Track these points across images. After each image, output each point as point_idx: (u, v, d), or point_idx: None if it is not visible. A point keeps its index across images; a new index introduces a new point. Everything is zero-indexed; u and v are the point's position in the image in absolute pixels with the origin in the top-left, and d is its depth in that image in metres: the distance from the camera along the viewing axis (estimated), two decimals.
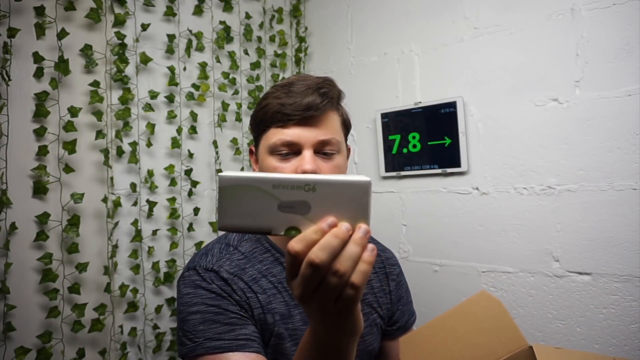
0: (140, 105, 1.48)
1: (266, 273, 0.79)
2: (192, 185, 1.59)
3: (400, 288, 0.96)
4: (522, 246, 1.38)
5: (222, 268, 0.76)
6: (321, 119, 0.74)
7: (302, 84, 0.74)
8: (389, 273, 0.94)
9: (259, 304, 0.75)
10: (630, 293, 1.20)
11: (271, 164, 0.74)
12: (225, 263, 0.77)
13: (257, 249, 0.81)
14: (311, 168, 0.71)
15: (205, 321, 0.70)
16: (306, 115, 0.72)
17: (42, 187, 1.26)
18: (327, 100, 0.74)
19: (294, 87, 0.74)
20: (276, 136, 0.73)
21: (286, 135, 0.73)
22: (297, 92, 0.73)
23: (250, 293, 0.75)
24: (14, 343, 1.19)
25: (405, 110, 1.61)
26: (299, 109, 0.72)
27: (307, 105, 0.72)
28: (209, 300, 0.72)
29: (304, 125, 0.73)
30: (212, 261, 0.77)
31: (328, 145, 0.75)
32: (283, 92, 0.74)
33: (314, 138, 0.73)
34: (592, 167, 1.26)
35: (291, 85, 0.75)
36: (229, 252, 0.80)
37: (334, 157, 0.76)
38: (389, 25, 1.70)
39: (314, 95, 0.73)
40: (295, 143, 0.73)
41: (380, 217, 1.71)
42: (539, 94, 1.35)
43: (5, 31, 1.19)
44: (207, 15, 1.67)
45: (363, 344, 0.85)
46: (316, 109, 0.73)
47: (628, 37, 1.20)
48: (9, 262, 1.19)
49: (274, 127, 0.74)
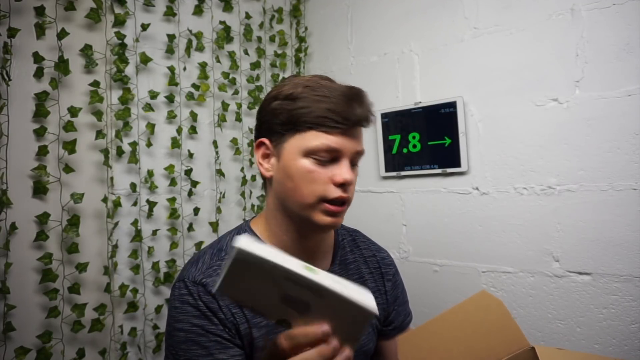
0: (140, 105, 1.48)
1: None
2: (192, 185, 1.59)
3: (396, 288, 0.95)
4: (522, 246, 1.38)
5: (210, 279, 0.74)
6: (361, 132, 0.76)
7: (342, 90, 0.73)
8: (385, 273, 0.93)
9: (244, 319, 0.74)
10: (630, 293, 1.20)
11: (305, 167, 0.72)
12: (214, 272, 0.75)
13: None
14: (351, 178, 0.73)
15: (187, 341, 0.71)
16: (354, 127, 0.73)
17: (42, 187, 1.26)
18: (371, 116, 0.76)
19: (335, 93, 0.72)
20: (319, 140, 0.71)
21: (330, 141, 0.72)
22: (341, 99, 0.72)
23: (236, 309, 0.74)
24: (14, 343, 1.19)
25: (405, 110, 1.61)
26: (347, 120, 0.72)
27: (357, 117, 0.72)
28: (193, 319, 0.72)
29: (348, 134, 0.73)
30: (202, 269, 0.76)
31: (359, 156, 0.77)
32: (321, 94, 0.72)
33: (354, 148, 0.74)
34: (592, 167, 1.26)
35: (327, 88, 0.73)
36: (220, 257, 0.78)
37: (357, 167, 0.78)
38: (389, 25, 1.70)
39: (361, 107, 0.73)
40: (338, 150, 0.72)
41: (380, 217, 1.71)
42: (539, 94, 1.35)
43: (5, 31, 1.19)
44: (207, 15, 1.67)
45: (359, 345, 0.84)
46: (365, 124, 0.75)
47: (628, 37, 1.20)
48: (9, 262, 1.19)
49: (316, 130, 0.72)
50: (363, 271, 0.90)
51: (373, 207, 1.73)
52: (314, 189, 0.72)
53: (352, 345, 0.46)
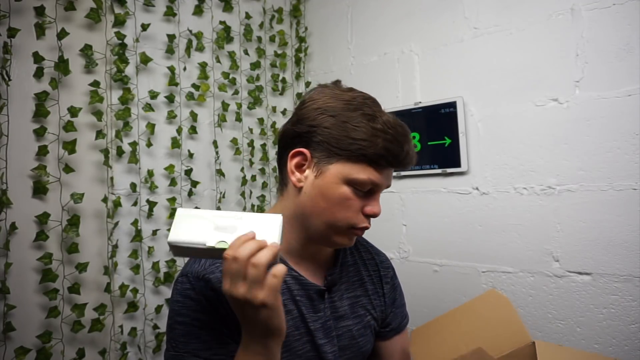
0: (140, 105, 1.48)
1: None
2: (192, 185, 1.59)
3: (394, 291, 0.96)
4: (522, 246, 1.38)
5: (213, 276, 0.75)
6: None
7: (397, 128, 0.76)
8: (383, 276, 0.94)
9: None
10: (630, 293, 1.20)
11: (345, 194, 0.75)
12: (217, 269, 0.76)
13: None
14: (379, 212, 0.78)
15: (187, 334, 0.73)
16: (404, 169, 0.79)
17: (42, 187, 1.26)
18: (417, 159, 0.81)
19: (392, 131, 0.75)
20: (366, 175, 0.74)
21: (376, 178, 0.75)
22: (397, 139, 0.75)
23: None
24: (14, 343, 1.19)
25: (405, 110, 1.61)
26: (399, 162, 0.76)
27: (409, 160, 0.77)
28: (194, 314, 0.73)
29: (388, 173, 0.77)
30: (205, 265, 0.77)
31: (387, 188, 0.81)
32: (379, 129, 0.74)
33: (388, 184, 0.80)
34: (592, 167, 1.26)
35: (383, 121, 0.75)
36: None
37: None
38: (389, 25, 1.70)
39: (410, 147, 0.77)
40: (378, 185, 0.76)
41: (380, 217, 1.69)
42: (539, 94, 1.35)
43: (5, 31, 1.19)
44: (207, 15, 1.67)
45: (357, 345, 0.85)
46: (408, 168, 0.81)
47: (628, 37, 1.20)
48: (9, 262, 1.19)
49: (367, 164, 0.74)
50: (362, 273, 0.92)
51: None
52: (346, 216, 0.75)
53: (275, 242, 0.63)
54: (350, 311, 0.85)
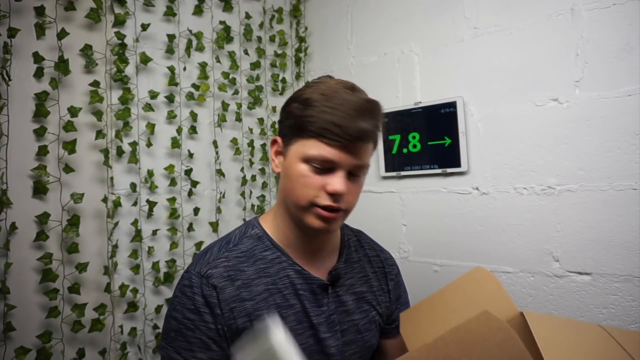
0: (140, 105, 1.48)
1: (262, 273, 0.80)
2: (192, 185, 1.59)
3: (399, 288, 0.98)
4: (522, 246, 1.38)
5: (215, 270, 0.77)
6: (364, 146, 0.75)
7: (353, 104, 0.73)
8: (388, 273, 0.96)
9: (244, 312, 0.76)
10: (630, 293, 1.20)
11: (301, 171, 0.75)
12: (221, 263, 0.78)
13: (258, 246, 0.82)
14: (341, 190, 0.73)
15: (176, 331, 0.76)
16: (353, 142, 0.73)
17: (42, 187, 1.26)
18: (377, 133, 0.77)
19: (345, 106, 0.72)
20: (317, 150, 0.73)
21: (327, 153, 0.73)
22: (348, 113, 0.72)
23: (235, 302, 0.76)
24: (14, 343, 1.19)
25: (405, 110, 1.61)
26: (348, 135, 0.72)
27: (358, 134, 0.72)
28: (187, 312, 0.75)
29: (348, 148, 0.73)
30: (210, 260, 0.79)
31: (360, 169, 0.77)
32: (330, 106, 0.73)
33: (351, 163, 0.74)
34: (592, 167, 1.26)
35: (340, 99, 0.73)
36: (228, 249, 0.81)
37: (360, 178, 0.79)
38: (389, 25, 1.70)
39: (367, 122, 0.73)
40: (334, 162, 0.73)
41: (380, 217, 1.71)
42: (539, 94, 1.35)
43: (5, 31, 1.19)
44: (207, 15, 1.67)
45: (362, 340, 0.86)
46: (366, 141, 0.75)
47: (628, 37, 1.20)
48: (9, 262, 1.19)
49: (317, 140, 0.73)
50: (367, 270, 0.93)
51: (373, 207, 1.73)
52: (306, 193, 0.75)
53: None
54: (355, 306, 0.86)
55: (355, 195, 0.78)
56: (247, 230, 0.85)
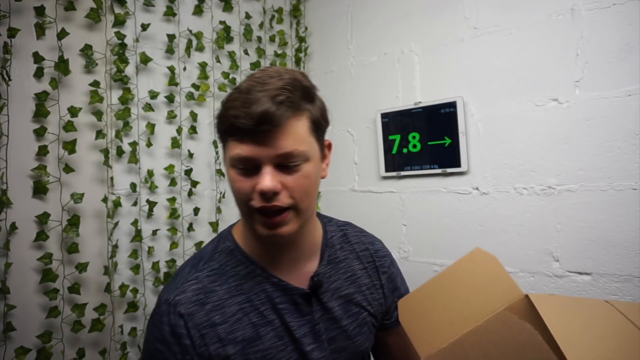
0: (140, 105, 1.48)
1: (235, 292, 0.75)
2: (192, 185, 1.59)
3: (394, 280, 0.91)
4: (522, 246, 1.38)
5: (184, 296, 0.73)
6: (279, 131, 0.65)
7: (260, 89, 0.64)
8: (380, 266, 0.89)
9: (216, 339, 0.72)
10: (630, 293, 1.20)
11: (232, 177, 0.69)
12: (190, 287, 0.74)
13: (229, 262, 0.76)
14: (268, 187, 0.64)
15: (148, 358, 0.74)
16: (260, 130, 0.63)
17: (42, 187, 1.26)
18: (284, 110, 0.64)
19: (251, 94, 0.64)
20: (234, 150, 0.66)
21: (241, 150, 0.65)
22: (252, 101, 0.63)
23: (206, 329, 0.72)
24: (14, 343, 1.19)
25: (405, 110, 1.61)
26: (251, 123, 0.63)
27: (259, 118, 0.62)
28: (155, 342, 0.73)
29: (259, 139, 0.64)
30: (179, 284, 0.75)
31: (290, 158, 0.66)
32: (240, 99, 0.65)
33: (272, 153, 0.65)
34: (592, 167, 1.26)
35: (249, 90, 0.65)
36: (198, 269, 0.76)
37: (299, 168, 0.68)
38: (389, 25, 1.70)
39: (269, 103, 0.63)
40: (253, 159, 0.65)
41: (380, 217, 1.71)
42: (539, 94, 1.35)
43: (5, 31, 1.19)
44: (207, 15, 1.67)
45: (353, 345, 0.81)
46: (271, 123, 0.63)
47: (628, 37, 1.20)
48: (9, 262, 1.19)
49: (232, 140, 0.66)
50: (355, 268, 0.86)
51: (373, 207, 1.73)
52: (241, 199, 0.68)
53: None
54: (343, 311, 0.81)
55: (300, 188, 0.68)
56: (218, 245, 0.79)
